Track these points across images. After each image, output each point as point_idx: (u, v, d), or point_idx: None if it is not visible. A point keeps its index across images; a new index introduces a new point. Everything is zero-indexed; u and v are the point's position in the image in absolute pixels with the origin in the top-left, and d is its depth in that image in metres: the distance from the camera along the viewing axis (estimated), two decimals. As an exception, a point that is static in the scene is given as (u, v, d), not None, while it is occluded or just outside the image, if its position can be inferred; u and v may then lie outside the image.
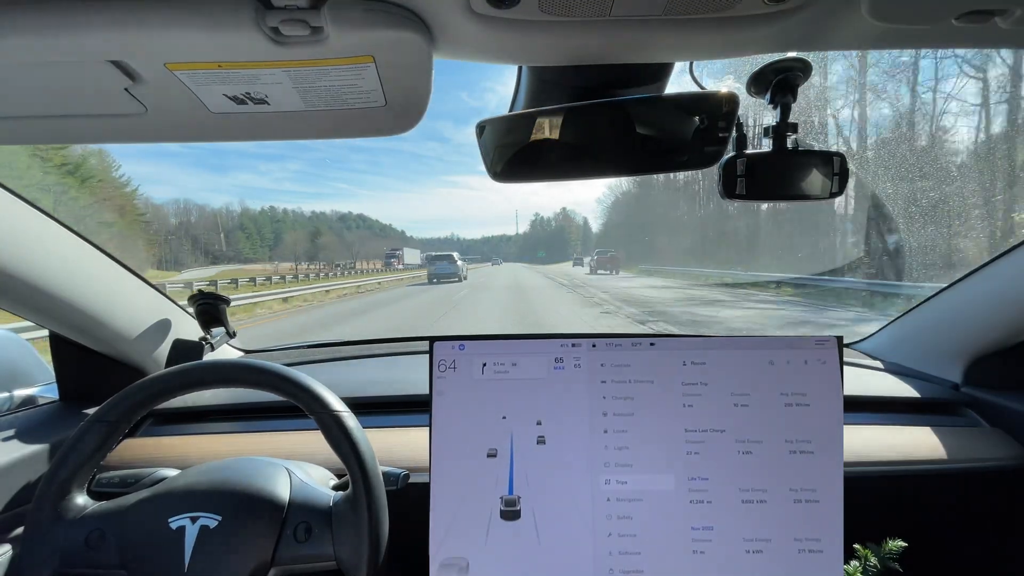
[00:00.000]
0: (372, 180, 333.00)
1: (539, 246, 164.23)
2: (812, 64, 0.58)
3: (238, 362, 0.65)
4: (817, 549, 0.58)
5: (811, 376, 0.60)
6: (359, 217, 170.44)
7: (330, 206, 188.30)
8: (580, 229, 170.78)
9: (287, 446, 0.89)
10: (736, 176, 0.63)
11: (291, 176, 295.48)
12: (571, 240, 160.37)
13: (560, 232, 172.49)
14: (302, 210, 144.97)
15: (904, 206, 10.16)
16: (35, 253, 0.75)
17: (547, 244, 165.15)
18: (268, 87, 0.48)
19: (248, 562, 0.58)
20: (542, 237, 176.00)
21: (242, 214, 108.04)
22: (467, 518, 0.60)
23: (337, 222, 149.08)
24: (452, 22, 0.45)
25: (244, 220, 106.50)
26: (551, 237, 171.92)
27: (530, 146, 0.66)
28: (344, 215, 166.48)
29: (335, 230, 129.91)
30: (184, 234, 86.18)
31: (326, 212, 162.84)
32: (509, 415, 0.61)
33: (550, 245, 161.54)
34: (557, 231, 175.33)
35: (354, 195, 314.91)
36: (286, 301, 14.75)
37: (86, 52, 0.42)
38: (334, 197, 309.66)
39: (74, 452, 0.60)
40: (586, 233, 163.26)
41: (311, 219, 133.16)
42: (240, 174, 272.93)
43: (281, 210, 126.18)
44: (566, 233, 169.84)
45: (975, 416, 0.99)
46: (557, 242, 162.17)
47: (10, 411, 0.91)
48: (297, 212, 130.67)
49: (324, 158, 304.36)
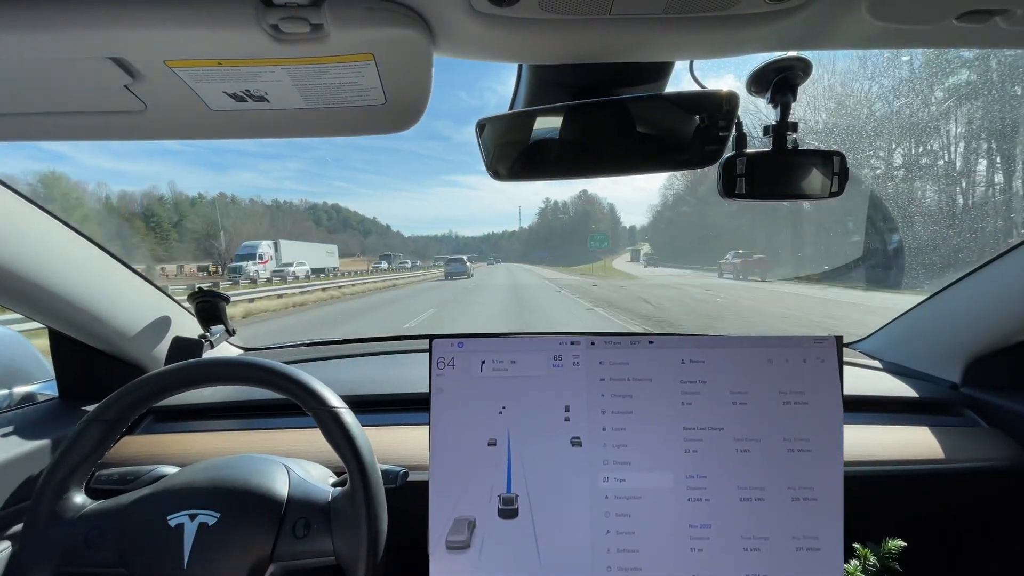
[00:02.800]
0: (372, 179, 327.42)
1: (551, 240, 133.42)
2: (812, 63, 0.58)
3: (236, 359, 0.65)
4: (815, 547, 0.58)
5: (810, 375, 0.60)
6: (332, 208, 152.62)
7: (330, 202, 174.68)
8: (609, 217, 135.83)
9: (286, 444, 0.89)
10: (736, 175, 0.63)
11: (292, 175, 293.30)
12: (599, 231, 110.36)
13: (582, 220, 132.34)
14: (262, 199, 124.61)
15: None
16: (35, 250, 0.75)
17: (562, 237, 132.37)
18: (268, 85, 0.48)
19: (247, 558, 0.58)
20: (556, 228, 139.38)
21: (155, 202, 75.26)
22: (467, 514, 0.60)
23: (305, 213, 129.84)
24: (453, 20, 0.45)
25: (156, 207, 74.17)
26: (569, 227, 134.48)
27: (530, 145, 0.66)
28: (315, 205, 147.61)
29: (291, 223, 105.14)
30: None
31: (293, 201, 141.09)
32: (507, 412, 0.61)
33: (566, 238, 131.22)
34: (577, 219, 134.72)
35: (354, 193, 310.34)
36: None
37: (86, 49, 0.42)
38: (334, 195, 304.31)
39: (73, 450, 0.60)
40: (614, 223, 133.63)
41: (271, 209, 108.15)
42: (241, 172, 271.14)
43: (231, 197, 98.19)
44: (591, 221, 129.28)
45: (974, 416, 0.99)
46: (575, 235, 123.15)
47: (9, 408, 0.91)
48: (256, 201, 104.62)
49: (324, 156, 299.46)
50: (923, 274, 8.00)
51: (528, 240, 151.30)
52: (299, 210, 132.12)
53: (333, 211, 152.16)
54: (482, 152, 0.66)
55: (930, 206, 10.84)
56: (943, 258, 7.99)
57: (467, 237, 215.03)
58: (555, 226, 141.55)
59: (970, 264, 0.96)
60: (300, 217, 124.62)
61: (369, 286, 21.00)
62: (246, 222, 76.63)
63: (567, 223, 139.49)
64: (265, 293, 15.59)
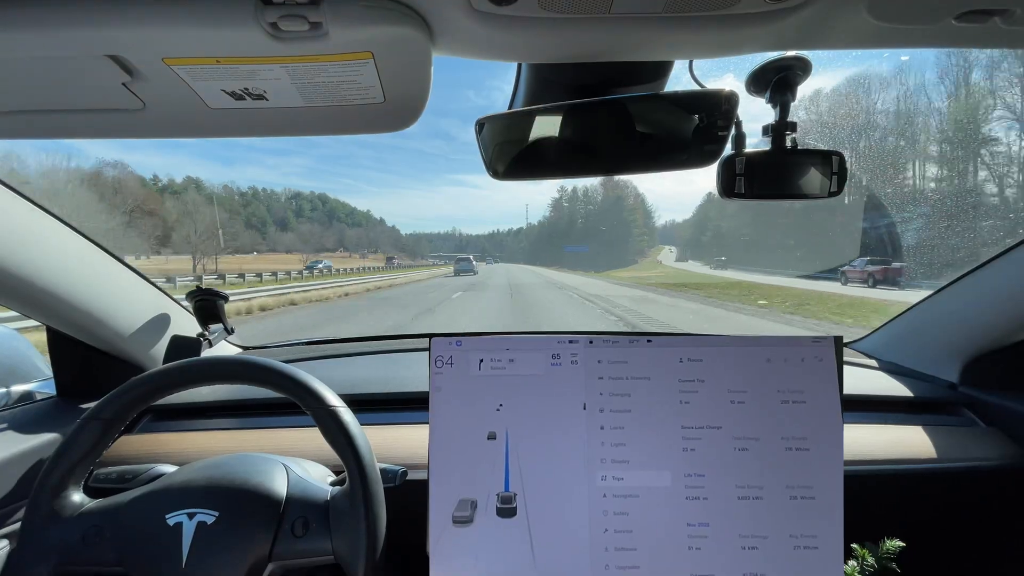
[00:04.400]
0: (378, 177, 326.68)
1: (572, 237, 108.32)
2: (811, 63, 0.58)
3: (235, 358, 0.65)
4: (813, 546, 0.58)
5: (808, 374, 0.61)
6: (318, 198, 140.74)
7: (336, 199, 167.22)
8: (642, 207, 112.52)
9: (285, 443, 0.89)
10: (735, 175, 0.63)
11: (298, 171, 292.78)
12: (634, 222, 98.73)
13: (614, 209, 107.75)
14: (237, 185, 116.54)
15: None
16: (33, 249, 0.75)
17: (584, 232, 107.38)
18: (267, 83, 0.48)
19: (246, 557, 0.58)
20: (582, 217, 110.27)
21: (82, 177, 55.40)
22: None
23: (285, 203, 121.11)
24: (452, 19, 0.44)
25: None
26: (596, 220, 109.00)
27: (529, 144, 0.66)
28: (298, 194, 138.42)
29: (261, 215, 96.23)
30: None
31: (275, 190, 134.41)
32: (506, 410, 0.61)
33: (592, 232, 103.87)
34: (608, 209, 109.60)
35: (360, 191, 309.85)
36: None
37: (84, 47, 0.42)
38: (340, 193, 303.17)
39: (70, 449, 0.60)
40: (646, 217, 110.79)
41: (246, 196, 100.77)
42: (248, 167, 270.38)
43: (195, 181, 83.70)
44: (623, 211, 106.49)
45: (972, 415, 0.99)
46: (610, 230, 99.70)
47: (7, 407, 0.91)
48: (232, 186, 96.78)
49: (331, 154, 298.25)
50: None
51: (539, 238, 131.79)
52: (280, 199, 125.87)
53: (318, 201, 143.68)
54: (481, 151, 0.66)
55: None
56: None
57: (471, 235, 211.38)
58: (583, 215, 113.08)
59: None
60: (279, 207, 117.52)
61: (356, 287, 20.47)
62: (205, 209, 66.07)
63: (602, 212, 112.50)
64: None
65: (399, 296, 15.25)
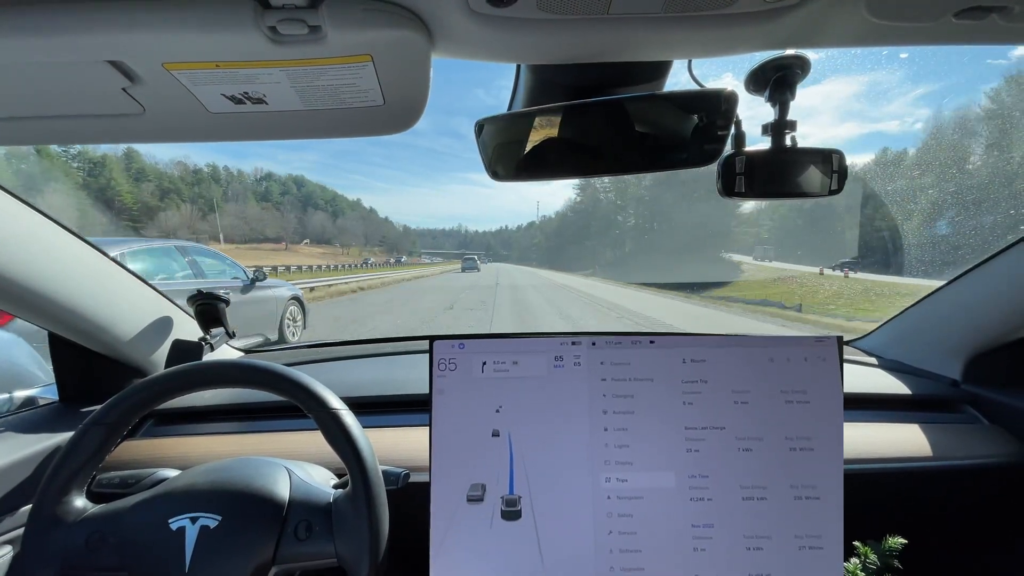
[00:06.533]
0: (388, 174, 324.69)
1: (591, 229, 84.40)
2: (810, 61, 0.58)
3: (237, 362, 0.65)
4: (817, 546, 0.58)
5: (811, 374, 0.60)
6: (293, 181, 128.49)
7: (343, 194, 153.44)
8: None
9: (287, 446, 0.89)
10: (735, 174, 0.63)
11: (308, 166, 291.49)
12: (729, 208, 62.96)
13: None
14: (192, 161, 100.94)
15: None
16: (34, 254, 0.75)
17: (605, 224, 79.84)
18: (266, 87, 0.48)
19: (249, 561, 0.58)
20: (596, 214, 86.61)
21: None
22: (468, 515, 0.60)
23: (252, 184, 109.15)
24: (451, 21, 0.44)
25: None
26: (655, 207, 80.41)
27: (529, 145, 0.66)
28: (269, 175, 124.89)
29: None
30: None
31: (244, 170, 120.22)
32: (509, 413, 0.61)
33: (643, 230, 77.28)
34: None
35: (370, 187, 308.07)
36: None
37: (84, 52, 0.42)
38: (351, 189, 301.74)
39: (73, 454, 0.60)
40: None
41: (197, 175, 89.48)
42: (259, 160, 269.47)
43: (125, 153, 74.23)
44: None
45: (974, 413, 0.99)
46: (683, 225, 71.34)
47: (10, 412, 0.91)
48: (182, 163, 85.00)
49: (342, 150, 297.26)
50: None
51: (553, 234, 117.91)
52: (248, 180, 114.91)
53: (293, 184, 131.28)
54: (481, 153, 0.66)
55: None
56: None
57: (477, 232, 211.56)
58: (595, 212, 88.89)
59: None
60: (238, 189, 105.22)
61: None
62: (143, 184, 58.72)
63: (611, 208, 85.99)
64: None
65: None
